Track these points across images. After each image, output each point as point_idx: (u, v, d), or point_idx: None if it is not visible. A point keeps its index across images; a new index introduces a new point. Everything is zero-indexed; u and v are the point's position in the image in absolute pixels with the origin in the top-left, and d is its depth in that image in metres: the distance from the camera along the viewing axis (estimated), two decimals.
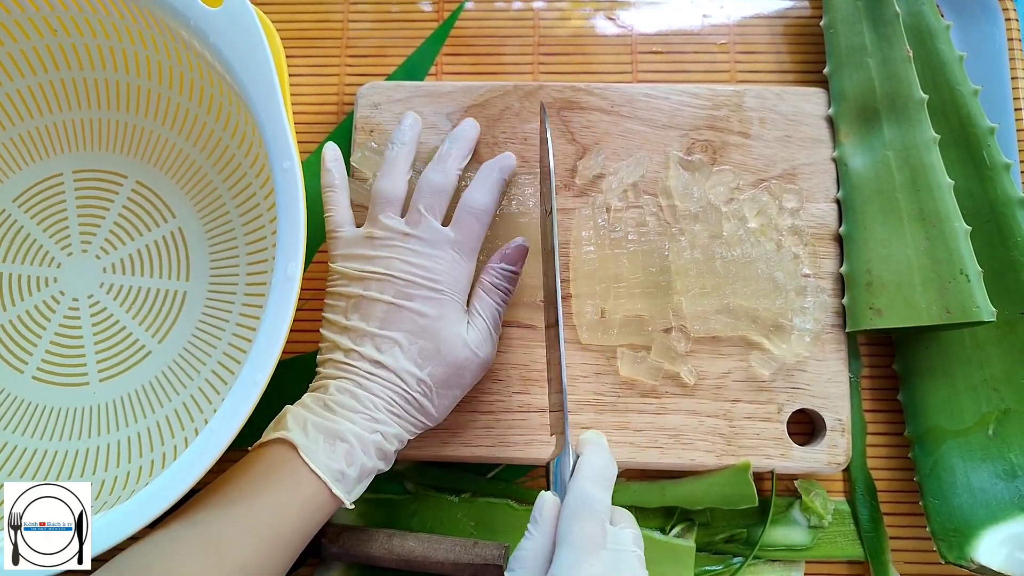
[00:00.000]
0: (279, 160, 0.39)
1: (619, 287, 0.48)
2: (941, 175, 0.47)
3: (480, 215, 0.45)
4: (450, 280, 0.43)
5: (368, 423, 0.41)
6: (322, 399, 0.41)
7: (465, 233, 0.44)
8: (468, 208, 0.44)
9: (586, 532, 0.35)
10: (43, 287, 0.51)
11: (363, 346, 0.42)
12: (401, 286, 0.42)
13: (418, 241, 0.43)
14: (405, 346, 0.42)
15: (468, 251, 0.44)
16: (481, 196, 0.45)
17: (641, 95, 0.51)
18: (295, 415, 0.40)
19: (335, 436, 0.40)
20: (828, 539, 0.48)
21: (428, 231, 0.43)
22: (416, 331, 0.42)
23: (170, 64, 0.49)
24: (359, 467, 0.40)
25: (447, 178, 0.45)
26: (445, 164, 0.46)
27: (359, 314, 0.43)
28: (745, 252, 0.48)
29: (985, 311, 0.44)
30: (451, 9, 0.56)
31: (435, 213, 0.44)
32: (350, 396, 0.41)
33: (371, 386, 0.41)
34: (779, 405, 0.48)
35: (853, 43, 0.50)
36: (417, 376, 0.42)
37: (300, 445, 0.39)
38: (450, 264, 0.43)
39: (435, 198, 0.44)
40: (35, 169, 0.52)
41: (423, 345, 0.42)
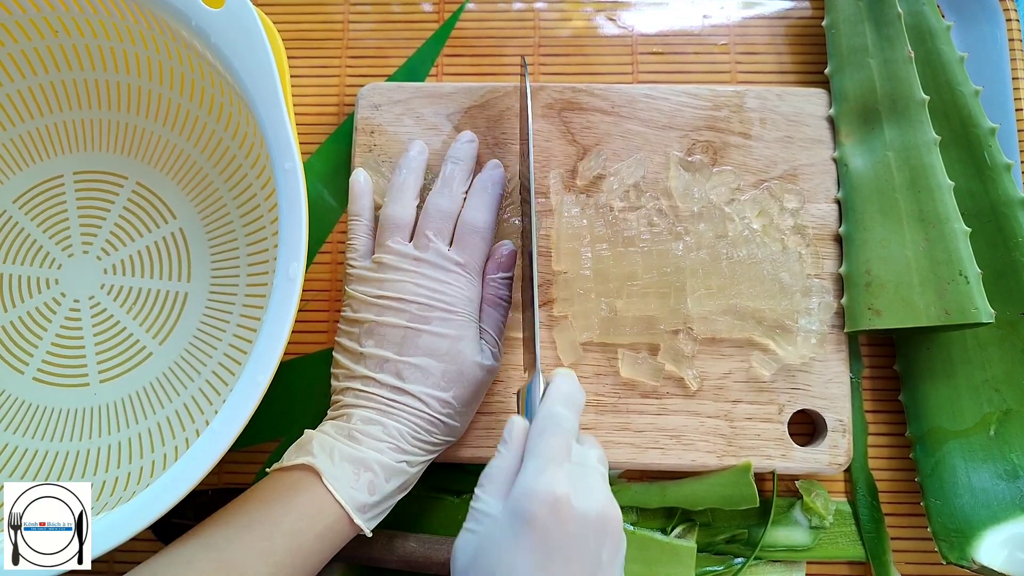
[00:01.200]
0: (280, 161, 0.39)
1: (632, 285, 0.47)
2: (941, 176, 0.47)
3: (483, 233, 0.45)
4: (463, 301, 0.44)
5: (395, 453, 0.41)
6: (347, 428, 0.41)
7: (471, 253, 0.45)
8: (471, 228, 0.45)
9: (552, 445, 0.36)
10: (44, 288, 0.51)
11: (382, 373, 0.42)
12: (416, 310, 0.43)
13: (428, 266, 0.44)
14: (427, 370, 0.42)
15: (475, 271, 0.45)
16: (481, 216, 0.45)
17: (641, 96, 0.51)
18: (321, 442, 0.40)
19: (361, 465, 0.40)
20: (829, 540, 0.48)
21: (437, 255, 0.44)
22: (437, 355, 0.42)
23: (171, 65, 0.49)
24: (381, 496, 0.40)
25: (453, 202, 0.46)
26: (451, 188, 0.46)
27: (374, 340, 0.43)
28: (751, 253, 0.48)
29: (984, 313, 0.44)
30: (452, 10, 0.56)
31: (443, 237, 0.45)
32: (375, 425, 0.41)
33: (396, 414, 0.41)
34: (780, 406, 0.48)
35: (855, 43, 0.50)
36: (442, 399, 0.42)
37: (325, 472, 0.39)
38: (462, 286, 0.44)
39: (443, 222, 0.45)
40: (35, 170, 0.52)
41: (446, 368, 0.42)
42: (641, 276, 0.47)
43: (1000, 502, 0.44)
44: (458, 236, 0.45)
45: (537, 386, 0.40)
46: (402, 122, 0.51)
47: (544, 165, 0.51)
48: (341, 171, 0.53)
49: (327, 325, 0.51)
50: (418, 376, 0.42)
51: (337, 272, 0.52)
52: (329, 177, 0.53)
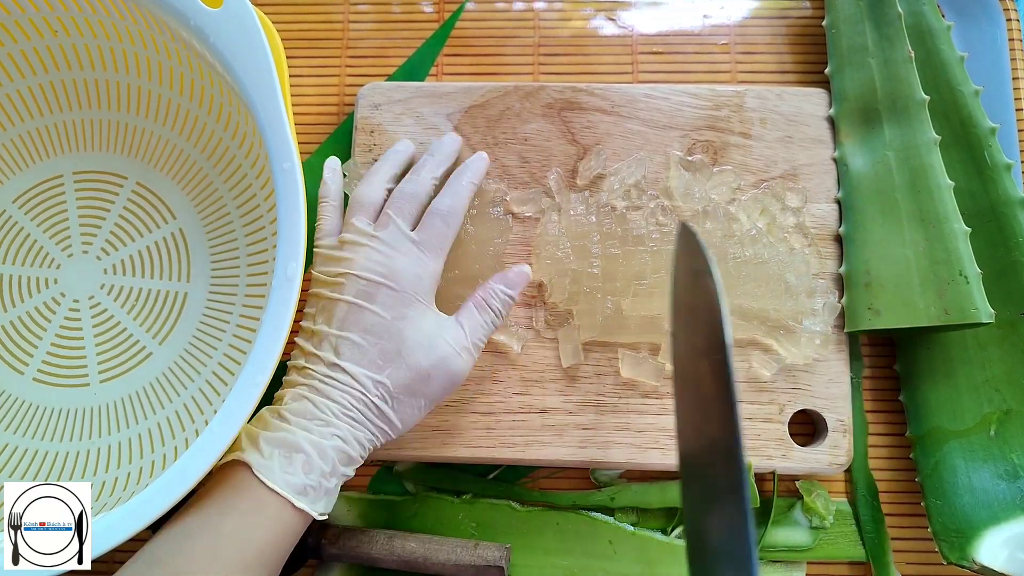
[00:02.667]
0: (279, 161, 0.39)
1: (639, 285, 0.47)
2: (941, 176, 0.47)
3: (446, 216, 0.44)
4: (411, 278, 0.42)
5: (324, 429, 0.39)
6: (277, 410, 0.40)
7: (430, 233, 0.43)
8: (434, 210, 0.44)
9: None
10: (43, 288, 0.51)
11: (323, 350, 0.41)
12: (363, 286, 0.41)
13: (381, 242, 0.42)
14: (363, 347, 0.41)
15: (432, 249, 0.43)
16: (448, 200, 0.44)
17: (642, 95, 0.51)
18: (247, 432, 0.39)
19: (291, 447, 0.38)
20: (830, 540, 0.48)
21: (393, 233, 0.43)
22: (375, 331, 0.41)
23: (170, 64, 0.49)
24: (319, 475, 0.38)
25: (419, 186, 0.45)
26: (419, 174, 0.46)
27: (323, 316, 0.42)
28: (757, 252, 0.48)
29: (983, 313, 0.44)
30: (452, 10, 0.56)
31: (404, 216, 0.43)
32: (306, 403, 0.40)
33: (328, 390, 0.40)
34: (780, 406, 0.48)
35: (855, 43, 0.50)
36: (374, 379, 0.40)
37: (254, 463, 0.37)
38: (412, 262, 0.42)
39: (404, 202, 0.44)
40: (35, 170, 0.52)
41: (383, 346, 0.41)
42: (649, 275, 0.47)
43: (1000, 502, 0.44)
44: (424, 218, 0.44)
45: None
46: (402, 122, 0.51)
47: (544, 165, 0.51)
48: None
49: None
50: (354, 353, 0.40)
51: None
52: None
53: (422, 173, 0.46)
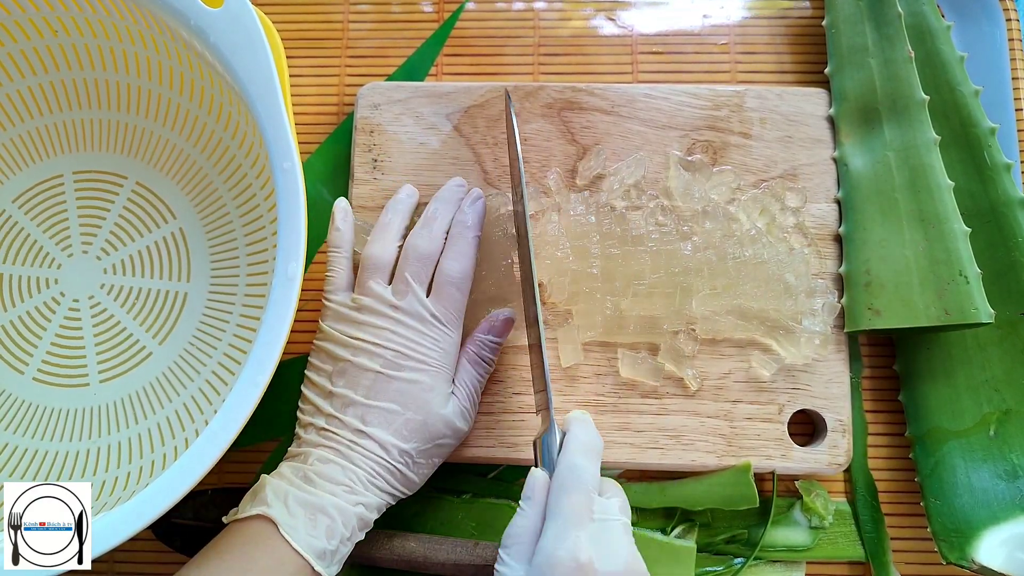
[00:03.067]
0: (280, 160, 0.39)
1: (639, 285, 0.47)
2: (941, 176, 0.47)
3: (460, 284, 0.44)
4: (439, 354, 0.43)
5: (350, 496, 0.40)
6: (302, 470, 0.40)
7: (447, 304, 0.43)
8: (447, 279, 0.44)
9: (573, 504, 0.36)
10: (43, 288, 0.51)
11: (347, 415, 0.42)
12: (391, 356, 0.42)
13: (406, 314, 0.43)
14: (392, 417, 0.42)
15: (453, 323, 0.44)
16: (458, 265, 0.44)
17: (641, 95, 0.51)
18: (274, 488, 0.39)
19: (317, 510, 0.39)
20: (829, 540, 0.48)
21: (414, 304, 0.43)
22: (403, 401, 0.42)
23: (170, 64, 0.49)
24: (339, 541, 0.39)
25: (432, 244, 0.45)
26: (431, 228, 0.45)
27: (345, 380, 0.42)
28: (757, 252, 0.48)
29: (983, 313, 0.44)
30: (451, 10, 0.56)
31: (421, 281, 0.44)
32: (332, 466, 0.40)
33: (354, 456, 0.41)
34: (780, 406, 0.48)
35: (855, 43, 0.50)
36: (400, 448, 0.41)
37: (281, 522, 0.38)
38: (438, 338, 0.43)
39: (421, 265, 0.44)
40: (35, 170, 0.52)
41: (410, 417, 0.42)
42: (648, 276, 0.47)
43: (1000, 502, 0.44)
44: (436, 285, 0.44)
45: (554, 436, 0.40)
46: (401, 122, 0.51)
47: (544, 165, 0.51)
48: (340, 171, 0.53)
49: None
50: (381, 421, 0.41)
51: None
52: (328, 177, 0.53)
53: (434, 227, 0.45)
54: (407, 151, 0.51)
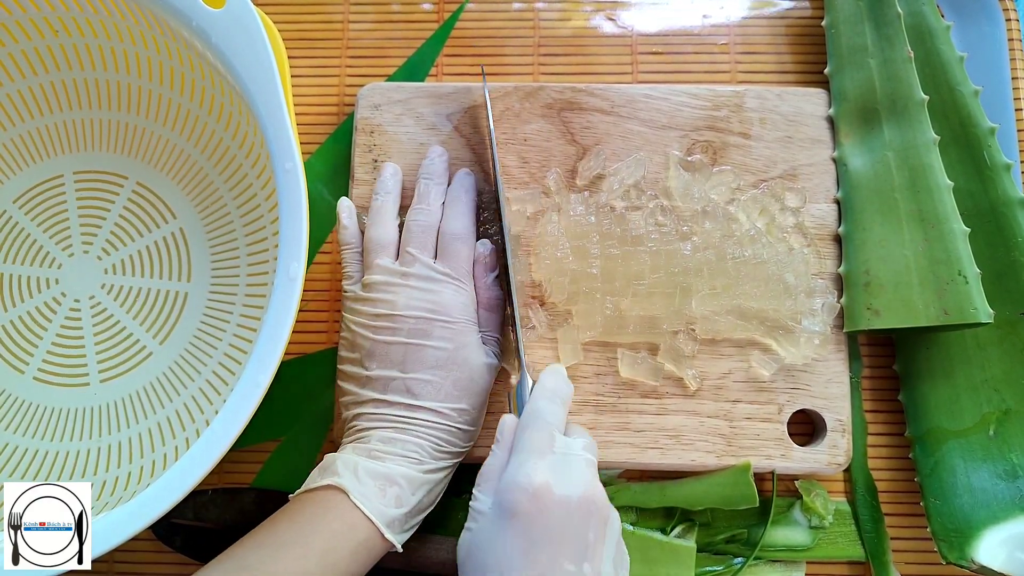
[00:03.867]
0: (281, 160, 0.39)
1: (639, 285, 0.47)
2: (940, 176, 0.47)
3: (465, 239, 0.45)
4: (459, 308, 0.44)
5: (418, 467, 0.41)
6: (367, 449, 0.41)
7: (456, 260, 0.45)
8: (452, 236, 0.45)
9: (534, 439, 0.38)
10: (44, 288, 0.51)
11: (391, 393, 0.42)
12: (413, 324, 0.43)
13: (416, 279, 0.44)
14: (437, 383, 0.42)
15: (464, 276, 0.45)
16: (460, 223, 0.46)
17: (641, 95, 0.51)
18: (345, 461, 0.40)
19: (386, 480, 0.40)
20: (829, 539, 0.48)
21: (424, 268, 0.44)
22: (444, 365, 0.43)
23: (171, 65, 0.49)
24: (409, 508, 0.40)
25: (431, 216, 0.46)
26: (427, 202, 0.47)
27: (376, 361, 0.43)
28: (756, 252, 0.48)
29: (983, 313, 0.44)
30: (452, 9, 0.56)
31: (427, 250, 0.45)
32: (395, 444, 0.41)
33: (414, 429, 0.42)
34: (779, 405, 0.48)
35: (854, 43, 0.50)
36: (459, 408, 0.43)
37: (351, 490, 0.39)
38: (453, 294, 0.44)
39: (423, 236, 0.45)
40: (36, 170, 0.52)
41: (457, 377, 0.43)
42: (648, 276, 0.47)
43: (999, 502, 0.44)
44: (441, 247, 0.45)
45: (525, 384, 0.42)
46: (402, 122, 0.51)
47: (544, 165, 0.51)
48: (341, 171, 0.53)
49: (327, 325, 0.51)
50: (429, 391, 0.42)
51: (338, 271, 0.52)
52: (329, 177, 0.53)
53: (430, 201, 0.47)
54: (407, 151, 0.51)
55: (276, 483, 0.49)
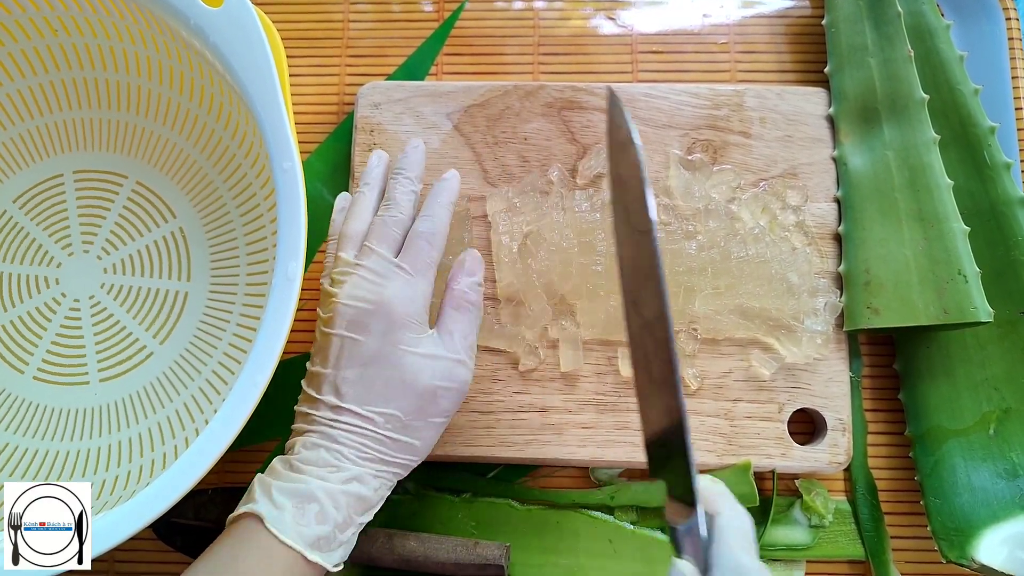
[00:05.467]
0: (280, 160, 0.39)
1: None
2: (940, 175, 0.47)
3: (429, 237, 0.42)
4: (403, 301, 0.40)
5: (338, 475, 0.38)
6: (288, 460, 0.39)
7: (414, 255, 0.41)
8: (416, 234, 0.42)
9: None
10: (44, 288, 0.51)
11: (323, 393, 0.39)
12: (351, 315, 0.39)
13: (366, 270, 0.40)
14: (365, 382, 0.39)
15: (419, 270, 0.41)
16: (427, 223, 0.42)
17: (641, 95, 0.51)
18: (261, 483, 0.38)
19: (304, 498, 0.37)
20: (829, 538, 0.48)
21: (377, 261, 0.41)
22: (375, 362, 0.39)
23: (170, 64, 0.49)
24: (332, 526, 0.37)
25: (397, 210, 0.42)
26: (395, 199, 0.43)
27: (319, 357, 0.40)
28: (760, 252, 0.47)
29: (983, 312, 0.44)
30: (451, 9, 0.56)
31: (386, 243, 0.41)
32: (317, 450, 0.38)
33: (337, 435, 0.38)
34: (780, 404, 0.48)
35: (855, 42, 0.50)
36: (384, 413, 0.39)
37: (265, 515, 0.36)
38: (401, 285, 0.40)
39: (386, 231, 0.42)
40: (35, 169, 0.52)
41: (387, 376, 0.39)
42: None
43: (1000, 501, 0.44)
44: (405, 244, 0.42)
45: (700, 523, 0.33)
46: (402, 121, 0.51)
47: (544, 164, 0.51)
48: (340, 170, 0.53)
49: None
50: (357, 391, 0.39)
51: None
52: (328, 176, 0.53)
53: (396, 195, 0.43)
54: None
55: None
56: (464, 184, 0.50)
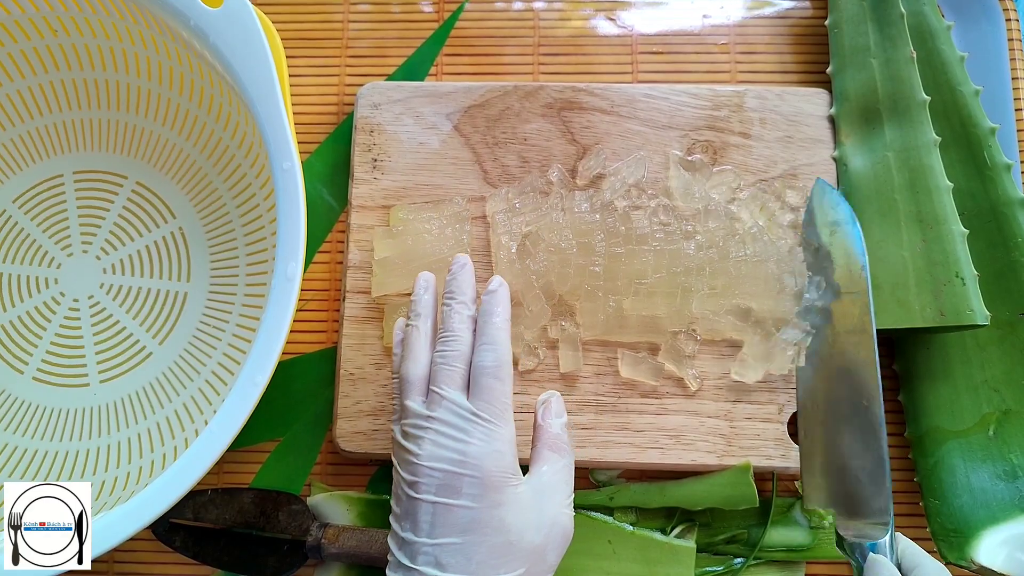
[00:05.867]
0: (279, 160, 0.39)
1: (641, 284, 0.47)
2: (940, 177, 0.47)
3: (497, 373, 0.39)
4: (491, 457, 0.37)
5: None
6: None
7: (488, 398, 0.38)
8: (481, 371, 0.39)
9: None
10: (43, 288, 0.51)
11: (419, 564, 0.36)
12: (441, 479, 0.37)
13: (441, 423, 0.38)
14: (467, 550, 0.36)
15: (497, 414, 0.38)
16: (491, 355, 0.39)
17: (641, 95, 0.51)
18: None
19: None
20: (829, 540, 0.48)
21: (450, 410, 0.38)
22: (474, 529, 0.36)
23: (170, 64, 0.49)
24: None
25: (459, 344, 0.40)
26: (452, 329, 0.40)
27: (409, 522, 0.37)
28: (758, 251, 0.47)
29: (979, 315, 0.44)
30: (451, 9, 0.56)
31: (454, 384, 0.39)
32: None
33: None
34: (780, 405, 0.48)
35: (857, 43, 0.50)
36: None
37: None
38: (484, 438, 0.37)
39: (452, 368, 0.39)
40: (35, 170, 0.52)
41: (490, 543, 0.36)
42: (650, 275, 0.47)
43: (999, 502, 0.44)
44: (472, 382, 0.39)
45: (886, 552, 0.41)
46: (401, 121, 0.51)
47: (544, 165, 0.51)
48: (340, 171, 0.53)
49: (326, 324, 0.51)
50: (459, 561, 0.36)
51: (336, 272, 0.52)
52: (328, 177, 0.53)
53: (452, 325, 0.40)
54: (407, 151, 0.51)
55: (275, 483, 0.49)
56: (464, 184, 0.51)
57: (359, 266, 0.50)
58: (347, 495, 0.49)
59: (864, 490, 0.43)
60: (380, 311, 0.49)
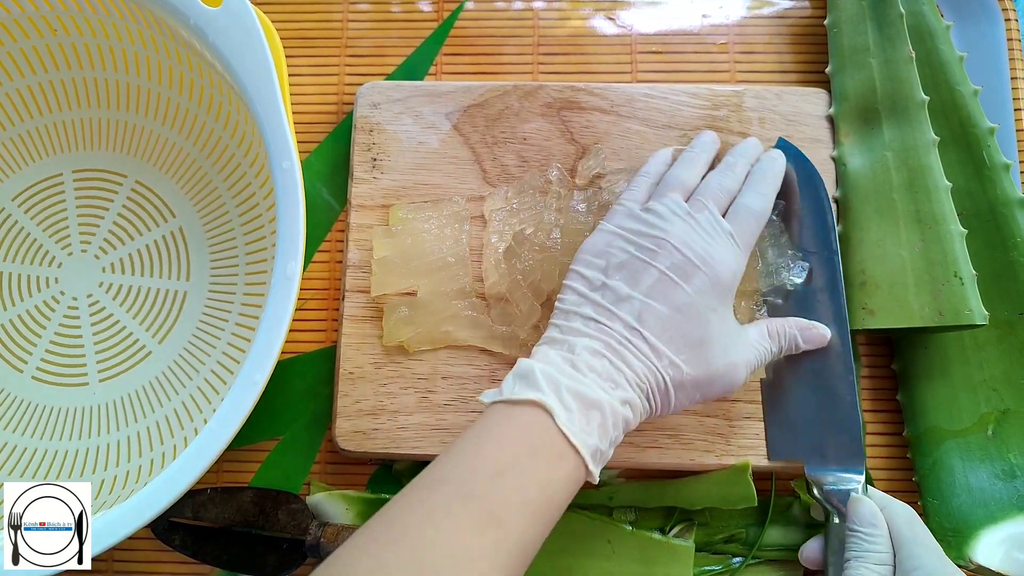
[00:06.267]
0: (278, 160, 0.39)
1: None
2: (939, 177, 0.47)
3: (758, 216, 0.43)
4: (727, 271, 0.40)
5: (617, 392, 0.37)
6: (569, 359, 0.38)
7: (743, 228, 0.42)
8: (746, 208, 0.43)
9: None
10: (43, 287, 0.51)
11: (621, 310, 0.39)
12: (679, 260, 0.40)
13: (699, 224, 0.41)
14: (669, 323, 0.39)
15: (745, 245, 0.42)
16: (759, 201, 0.43)
17: (640, 95, 0.51)
18: (545, 374, 0.37)
19: (590, 405, 0.36)
20: None
21: (709, 220, 0.41)
22: (685, 311, 0.39)
23: (170, 64, 0.49)
24: (608, 442, 0.37)
25: (734, 182, 0.44)
26: (734, 171, 0.45)
27: (624, 274, 0.40)
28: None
29: (978, 314, 0.44)
30: (451, 9, 0.56)
31: (717, 207, 0.42)
32: (602, 359, 0.38)
33: (626, 355, 0.38)
34: None
35: (856, 43, 0.50)
36: (672, 359, 0.38)
37: (558, 414, 0.35)
38: (728, 253, 0.41)
39: (720, 195, 0.43)
40: (35, 169, 0.52)
41: (688, 330, 0.39)
42: None
43: (997, 502, 0.44)
44: (732, 212, 0.43)
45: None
46: (401, 121, 0.51)
47: (543, 164, 0.51)
48: (339, 170, 0.53)
49: (325, 324, 0.52)
50: (657, 326, 0.39)
51: (335, 271, 0.52)
52: (327, 176, 0.53)
53: (737, 170, 0.45)
54: (406, 150, 0.51)
55: (274, 482, 0.50)
56: (463, 184, 0.51)
57: (358, 265, 0.50)
58: (346, 494, 0.49)
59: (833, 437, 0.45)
60: (379, 310, 0.49)
